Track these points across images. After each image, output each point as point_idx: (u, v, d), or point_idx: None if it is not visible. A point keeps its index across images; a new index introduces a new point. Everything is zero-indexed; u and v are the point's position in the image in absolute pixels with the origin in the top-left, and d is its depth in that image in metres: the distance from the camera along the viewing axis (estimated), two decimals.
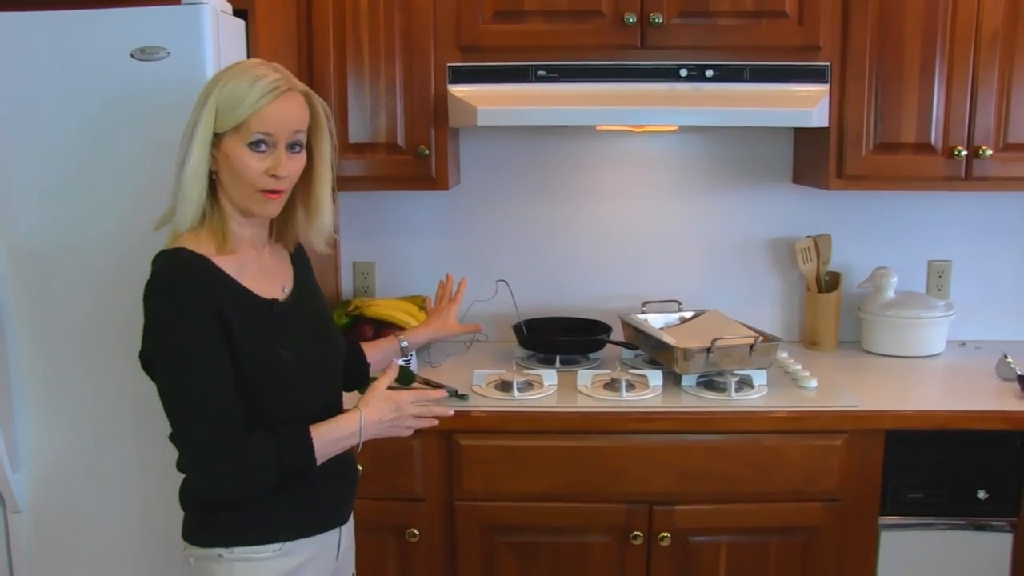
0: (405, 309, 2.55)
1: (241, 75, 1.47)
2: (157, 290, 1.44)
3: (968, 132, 2.32)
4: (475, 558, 2.20)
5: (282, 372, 1.49)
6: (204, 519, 1.52)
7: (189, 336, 1.41)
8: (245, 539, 1.50)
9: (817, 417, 2.13)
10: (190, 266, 1.46)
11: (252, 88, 1.45)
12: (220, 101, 1.45)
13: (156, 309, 1.44)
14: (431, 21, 2.34)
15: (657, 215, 2.76)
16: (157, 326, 1.44)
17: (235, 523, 1.50)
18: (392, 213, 2.78)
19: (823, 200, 2.70)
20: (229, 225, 1.51)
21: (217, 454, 1.41)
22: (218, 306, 1.43)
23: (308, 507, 1.56)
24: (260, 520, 1.51)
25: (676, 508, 2.16)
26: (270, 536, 1.51)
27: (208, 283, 1.45)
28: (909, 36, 2.29)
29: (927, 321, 2.59)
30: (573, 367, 2.46)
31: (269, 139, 1.47)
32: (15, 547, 2.02)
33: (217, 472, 1.43)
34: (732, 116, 2.29)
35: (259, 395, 1.47)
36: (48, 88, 1.87)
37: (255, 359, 1.46)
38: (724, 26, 2.30)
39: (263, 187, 1.48)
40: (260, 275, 1.56)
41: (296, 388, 1.52)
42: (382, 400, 1.58)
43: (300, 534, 1.55)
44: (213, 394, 1.42)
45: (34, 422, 1.98)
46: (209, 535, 1.52)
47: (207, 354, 1.42)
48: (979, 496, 2.14)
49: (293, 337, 1.54)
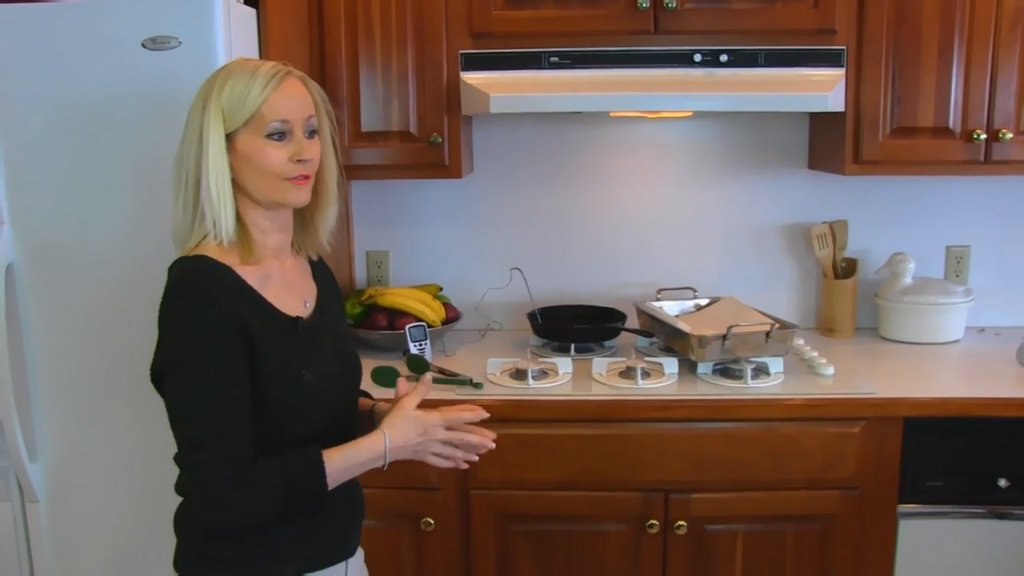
0: (419, 298, 2.54)
1: (236, 72, 1.40)
2: (176, 300, 1.36)
3: (987, 115, 2.29)
4: (490, 547, 2.20)
5: (303, 395, 1.42)
6: (202, 549, 1.43)
7: (209, 352, 1.33)
8: (245, 574, 1.43)
9: (834, 404, 2.12)
10: (213, 276, 1.37)
11: (254, 79, 1.39)
12: (224, 101, 1.38)
13: (174, 321, 1.36)
14: (443, 8, 2.32)
15: (672, 201, 2.74)
16: (174, 339, 1.35)
17: (236, 556, 1.42)
18: (405, 201, 2.77)
19: (839, 185, 2.68)
20: (252, 233, 1.44)
21: (222, 479, 1.32)
22: (242, 321, 1.35)
23: (314, 539, 1.47)
24: (263, 554, 1.43)
25: (692, 496, 2.15)
26: (274, 570, 1.44)
27: (232, 295, 1.37)
28: (927, 17, 2.26)
29: (945, 307, 2.56)
30: (588, 355, 2.45)
31: (286, 126, 1.41)
32: (33, 535, 2.04)
33: (221, 499, 1.34)
34: (747, 101, 2.27)
35: (276, 416, 1.39)
36: (60, 78, 1.87)
37: (276, 380, 1.39)
38: (738, 10, 2.28)
39: (290, 175, 1.41)
40: (284, 288, 1.48)
41: (316, 411, 1.45)
42: (410, 421, 1.47)
43: (306, 568, 1.47)
44: (227, 416, 1.33)
45: (51, 413, 2.00)
46: (206, 568, 1.43)
47: (225, 372, 1.34)
48: (999, 484, 2.12)
49: (316, 358, 1.46)
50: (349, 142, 2.38)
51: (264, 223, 1.47)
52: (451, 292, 2.73)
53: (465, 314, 2.70)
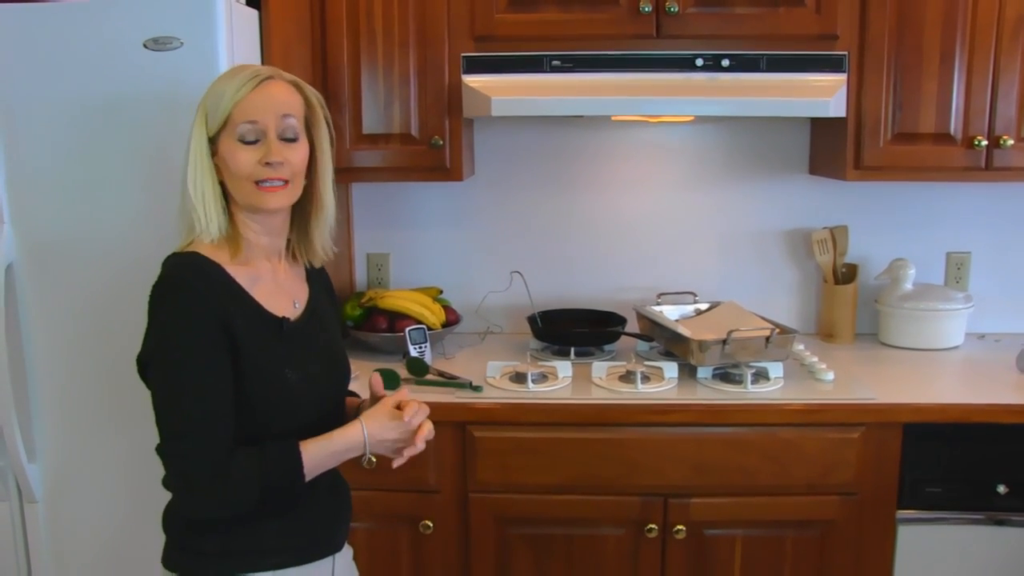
0: (419, 300, 2.54)
1: (224, 76, 1.47)
2: (163, 294, 1.39)
3: (989, 122, 2.29)
4: (489, 550, 2.20)
5: (286, 393, 1.45)
6: (189, 543, 1.46)
7: (191, 345, 1.37)
8: (233, 566, 1.44)
9: (834, 410, 2.12)
10: (201, 272, 1.41)
11: (231, 82, 1.43)
12: (207, 106, 1.44)
13: (160, 313, 1.39)
14: (445, 11, 2.32)
15: (672, 206, 2.74)
16: (159, 331, 1.39)
17: (222, 549, 1.44)
18: (406, 204, 2.77)
19: (840, 191, 2.68)
20: (244, 233, 1.48)
21: (200, 470, 1.36)
22: (227, 317, 1.39)
23: (300, 533, 1.50)
24: (250, 546, 1.45)
25: (691, 501, 2.15)
26: (260, 563, 1.45)
27: (218, 291, 1.41)
28: (929, 23, 2.26)
29: (945, 313, 2.56)
30: (588, 359, 2.45)
31: (255, 128, 1.42)
32: (31, 536, 2.04)
33: (199, 489, 1.37)
34: (748, 106, 2.27)
35: (258, 413, 1.42)
36: (61, 78, 1.87)
37: (259, 377, 1.42)
38: (740, 15, 2.28)
39: (258, 178, 1.43)
40: (274, 290, 1.51)
41: (298, 410, 1.47)
42: (387, 416, 1.49)
43: (291, 561, 1.48)
44: (207, 409, 1.36)
45: (50, 414, 1.99)
46: (193, 561, 1.46)
47: (207, 365, 1.37)
48: (999, 490, 2.11)
49: (300, 358, 1.49)
50: (350, 144, 2.38)
51: (253, 225, 1.50)
52: (451, 295, 2.73)
53: (465, 317, 2.69)
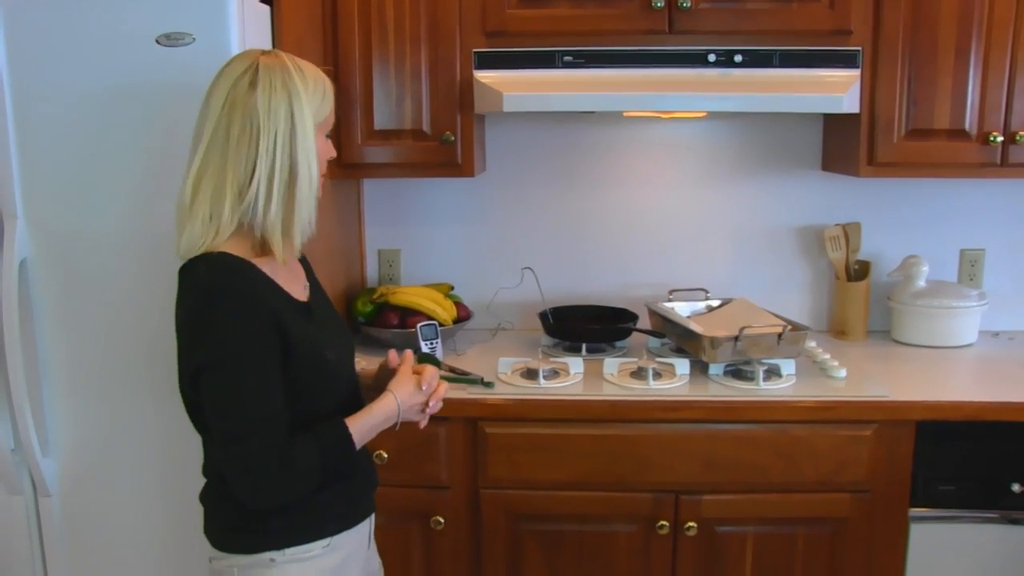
0: (430, 296, 2.54)
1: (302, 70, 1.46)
2: (213, 301, 1.39)
3: (1004, 117, 2.28)
4: (500, 546, 2.20)
5: (329, 373, 1.51)
6: (251, 524, 1.49)
7: (251, 349, 1.38)
8: (297, 539, 1.50)
9: (846, 407, 2.11)
10: (242, 273, 1.42)
11: (320, 78, 1.48)
12: (310, 99, 1.45)
13: (211, 320, 1.38)
14: (456, 6, 2.32)
15: (684, 202, 2.73)
16: (214, 338, 1.38)
17: (285, 524, 1.49)
18: (417, 200, 2.77)
19: (853, 187, 2.66)
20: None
21: (268, 468, 1.39)
22: (276, 315, 1.41)
23: (348, 499, 1.59)
24: (309, 518, 1.51)
25: (703, 498, 2.14)
26: (320, 532, 1.53)
27: (262, 291, 1.43)
28: (944, 19, 2.24)
29: (959, 311, 2.55)
30: (599, 355, 2.45)
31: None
32: (46, 530, 2.05)
33: (269, 485, 1.41)
34: (761, 102, 2.26)
35: (303, 398, 1.46)
36: (74, 73, 1.87)
37: (307, 362, 1.46)
38: (753, 10, 2.27)
39: (323, 172, 1.52)
40: (289, 276, 1.54)
41: (336, 388, 1.55)
42: (413, 384, 1.58)
43: (345, 526, 1.57)
44: (268, 408, 1.39)
45: (63, 408, 2.00)
46: (259, 540, 1.50)
47: (266, 366, 1.40)
48: (1013, 489, 2.10)
49: (329, 338, 1.56)
50: (361, 140, 2.39)
51: None
52: (463, 291, 2.73)
53: (477, 313, 2.70)
